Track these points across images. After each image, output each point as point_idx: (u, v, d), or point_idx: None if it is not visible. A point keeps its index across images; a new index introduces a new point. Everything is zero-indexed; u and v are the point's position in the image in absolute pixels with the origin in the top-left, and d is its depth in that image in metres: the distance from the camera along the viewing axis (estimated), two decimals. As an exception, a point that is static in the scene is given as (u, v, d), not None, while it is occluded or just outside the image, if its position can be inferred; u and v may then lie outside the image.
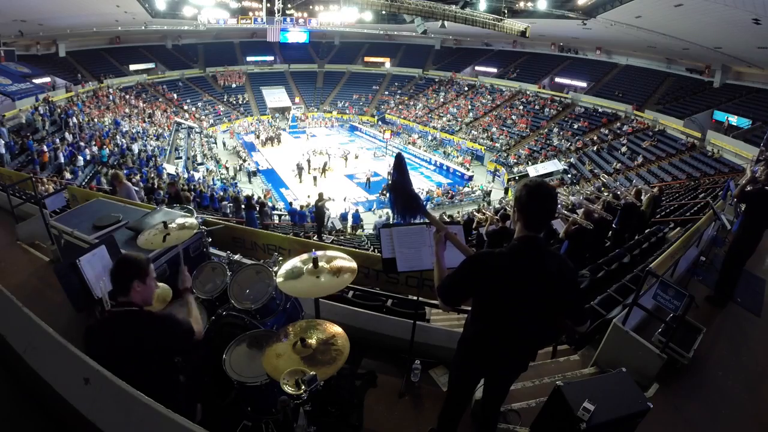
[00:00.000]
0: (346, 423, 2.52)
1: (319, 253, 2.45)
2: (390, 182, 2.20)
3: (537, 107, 28.84)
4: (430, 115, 32.28)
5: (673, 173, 18.82)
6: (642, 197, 7.03)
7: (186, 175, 18.91)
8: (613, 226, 6.70)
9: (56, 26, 23.79)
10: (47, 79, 23.68)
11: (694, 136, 20.52)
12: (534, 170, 22.23)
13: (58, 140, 16.46)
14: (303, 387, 1.70)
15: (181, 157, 23.03)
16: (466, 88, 33.74)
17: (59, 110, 20.05)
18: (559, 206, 6.34)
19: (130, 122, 24.12)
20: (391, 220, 13.64)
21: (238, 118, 32.85)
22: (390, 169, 2.29)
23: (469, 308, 1.99)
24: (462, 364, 2.10)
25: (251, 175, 23.05)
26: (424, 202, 2.40)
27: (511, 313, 1.78)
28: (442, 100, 33.51)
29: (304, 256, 2.50)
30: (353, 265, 2.42)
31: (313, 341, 2.04)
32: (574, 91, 28.45)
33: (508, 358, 1.96)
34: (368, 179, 22.29)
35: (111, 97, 26.65)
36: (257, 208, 11.78)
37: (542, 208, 1.72)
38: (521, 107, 29.46)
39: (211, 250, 3.67)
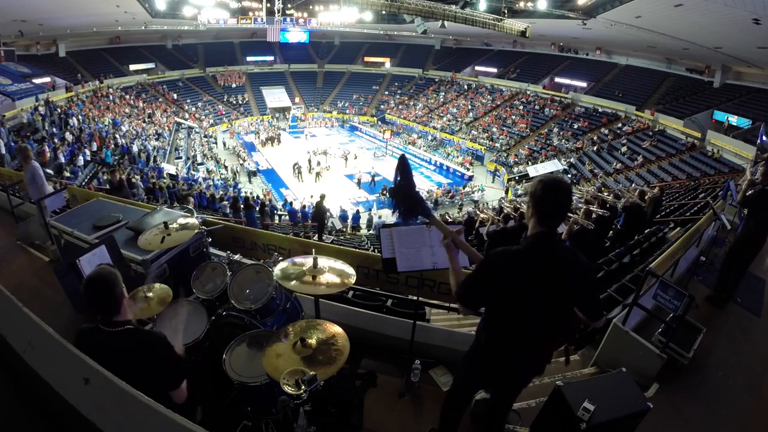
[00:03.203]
0: (346, 423, 2.52)
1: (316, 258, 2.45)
2: (393, 186, 2.10)
3: (537, 107, 28.84)
4: (430, 115, 32.28)
5: (673, 173, 18.83)
6: (646, 198, 7.02)
7: (186, 175, 18.92)
8: (619, 227, 6.69)
9: (56, 26, 23.80)
10: (47, 79, 23.68)
11: (694, 136, 20.53)
12: (534, 170, 22.22)
13: (57, 140, 16.46)
14: (303, 387, 1.70)
15: (181, 157, 23.04)
16: (466, 88, 33.75)
17: (59, 110, 20.05)
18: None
19: (130, 122, 24.11)
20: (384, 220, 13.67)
21: (238, 118, 32.85)
22: (394, 172, 2.10)
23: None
24: (474, 369, 2.04)
25: (251, 175, 23.07)
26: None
27: (528, 311, 1.75)
28: (442, 100, 33.51)
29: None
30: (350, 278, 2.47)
31: (313, 341, 2.04)
32: (574, 91, 28.45)
33: (524, 361, 1.91)
34: (359, 180, 22.26)
35: (111, 97, 26.64)
36: (257, 208, 11.79)
37: (557, 204, 1.71)
38: (521, 107, 29.47)
39: (211, 250, 3.67)
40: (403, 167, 2.06)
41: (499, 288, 1.74)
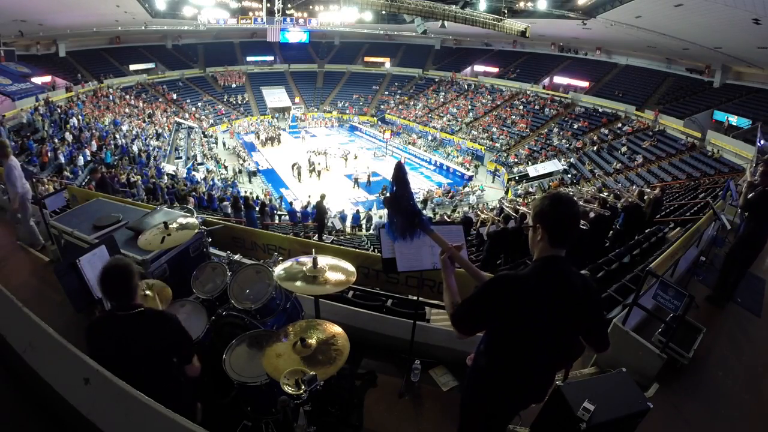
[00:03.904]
0: (346, 423, 2.52)
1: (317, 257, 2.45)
2: (388, 195, 1.95)
3: (537, 107, 28.84)
4: (430, 115, 32.28)
5: (673, 173, 18.83)
6: (645, 198, 7.03)
7: (186, 175, 18.92)
8: (618, 227, 6.70)
9: (56, 26, 23.79)
10: (47, 79, 23.67)
11: (694, 136, 20.53)
12: (534, 170, 22.22)
13: (57, 140, 16.46)
14: (303, 387, 1.70)
15: (181, 157, 23.03)
16: (466, 88, 33.76)
17: (59, 110, 20.05)
18: None
19: (130, 122, 24.11)
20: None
21: (238, 118, 32.85)
22: (390, 181, 1.97)
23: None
24: (477, 399, 1.89)
25: (251, 175, 23.09)
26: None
27: (533, 341, 1.62)
28: (442, 100, 33.50)
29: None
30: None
31: (313, 341, 2.04)
32: (574, 91, 28.45)
33: (527, 389, 1.81)
34: (356, 180, 22.29)
35: (111, 97, 26.65)
36: (257, 208, 11.78)
37: (569, 217, 1.57)
38: (521, 107, 29.46)
39: (211, 250, 3.67)
40: (399, 176, 1.90)
41: (502, 316, 1.61)
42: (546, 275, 1.59)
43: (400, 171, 1.90)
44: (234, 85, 35.30)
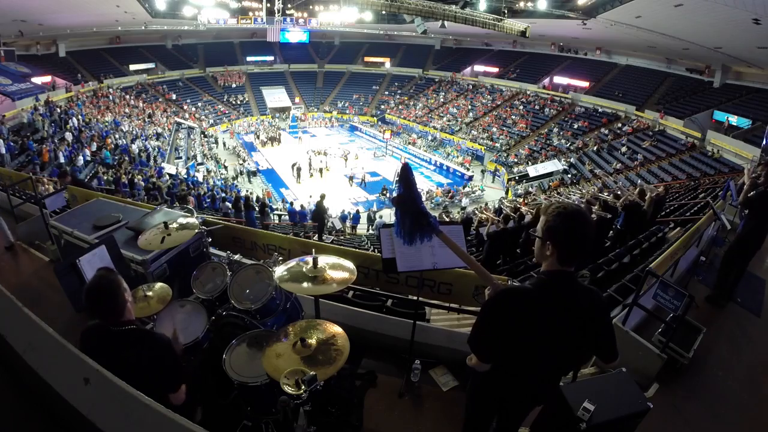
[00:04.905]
0: (346, 423, 2.52)
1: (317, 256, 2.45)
2: (395, 196, 1.93)
3: (537, 107, 28.84)
4: (430, 115, 32.28)
5: (673, 173, 18.83)
6: (645, 197, 7.01)
7: (188, 176, 18.91)
8: (617, 227, 6.70)
9: (56, 26, 23.78)
10: (47, 79, 23.66)
11: (694, 136, 20.53)
12: (534, 170, 22.22)
13: (57, 140, 16.46)
14: (303, 387, 1.70)
15: (181, 157, 23.02)
16: (466, 88, 33.76)
17: (59, 110, 20.05)
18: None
19: (130, 122, 24.11)
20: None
21: (238, 118, 32.85)
22: (395, 180, 1.99)
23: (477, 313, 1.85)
24: (479, 394, 1.94)
25: (251, 175, 23.09)
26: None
27: (533, 353, 1.60)
28: (442, 100, 33.51)
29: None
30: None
31: (313, 341, 2.04)
32: (574, 91, 28.45)
33: (528, 395, 1.83)
34: (351, 177, 22.34)
35: (111, 97, 26.64)
36: (257, 208, 11.78)
37: (581, 238, 1.50)
38: (521, 107, 29.47)
39: (211, 250, 3.67)
40: (405, 177, 1.89)
41: (503, 330, 1.58)
42: (550, 292, 1.54)
43: (405, 172, 1.89)
44: (234, 85, 35.30)
